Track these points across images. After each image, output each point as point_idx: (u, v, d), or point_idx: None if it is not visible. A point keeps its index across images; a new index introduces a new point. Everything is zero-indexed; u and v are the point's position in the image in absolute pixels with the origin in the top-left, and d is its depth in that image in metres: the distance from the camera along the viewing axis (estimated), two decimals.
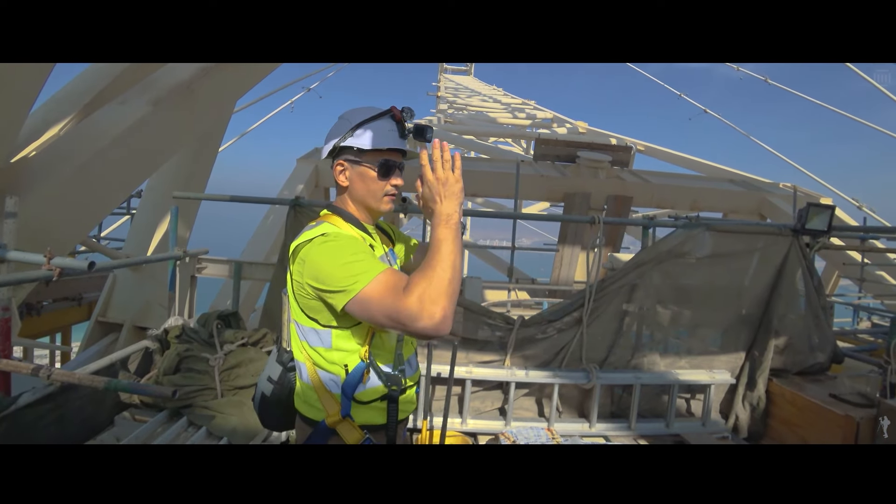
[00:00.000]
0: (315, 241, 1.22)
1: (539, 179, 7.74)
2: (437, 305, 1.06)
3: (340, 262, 1.15)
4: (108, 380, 2.25)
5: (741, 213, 8.04)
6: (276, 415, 1.46)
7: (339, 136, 1.32)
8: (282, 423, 1.48)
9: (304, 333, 1.30)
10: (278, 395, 1.43)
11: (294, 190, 7.11)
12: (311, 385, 1.30)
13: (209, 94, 4.31)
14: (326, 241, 1.20)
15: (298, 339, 1.32)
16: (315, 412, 1.31)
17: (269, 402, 1.45)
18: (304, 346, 1.31)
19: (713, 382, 3.22)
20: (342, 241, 1.21)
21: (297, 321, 1.30)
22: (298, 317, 1.29)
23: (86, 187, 3.59)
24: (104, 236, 8.50)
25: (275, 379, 1.44)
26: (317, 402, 1.30)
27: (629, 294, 3.28)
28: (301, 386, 1.35)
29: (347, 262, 1.15)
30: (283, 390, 1.43)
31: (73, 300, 6.20)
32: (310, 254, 1.20)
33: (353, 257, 1.16)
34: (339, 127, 1.35)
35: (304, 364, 1.33)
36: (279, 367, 1.45)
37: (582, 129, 14.21)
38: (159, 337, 3.06)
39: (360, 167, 1.33)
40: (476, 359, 3.13)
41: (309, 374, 1.31)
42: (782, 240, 3.45)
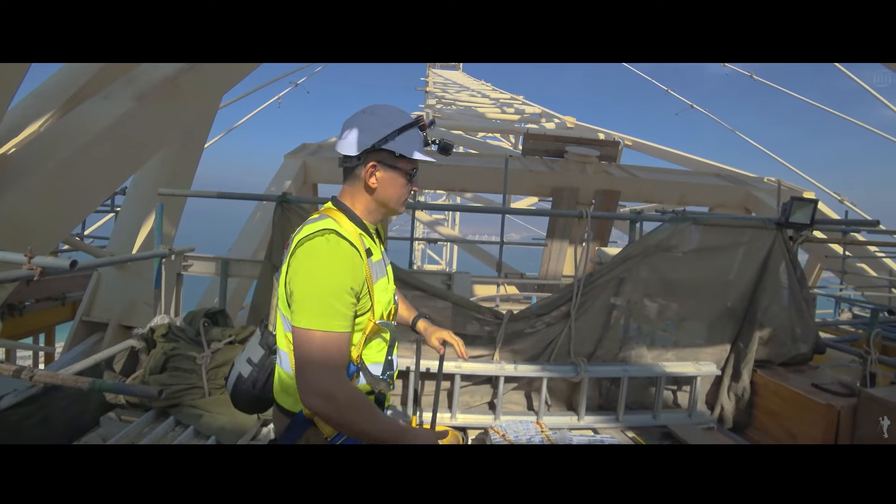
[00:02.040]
0: (315, 240, 1.21)
1: (528, 174, 7.76)
2: (322, 403, 1.18)
3: (322, 293, 1.18)
4: (92, 380, 2.21)
5: (727, 207, 8.14)
6: (248, 398, 1.46)
7: (379, 137, 1.31)
8: (253, 406, 1.49)
9: (288, 325, 1.28)
10: (255, 377, 1.43)
11: (282, 186, 7.04)
12: (292, 374, 1.28)
13: (195, 88, 4.25)
14: (323, 253, 1.20)
15: (283, 329, 1.31)
16: (292, 402, 1.31)
17: (244, 383, 1.44)
18: (288, 336, 1.28)
19: (699, 374, 3.27)
20: (336, 264, 1.20)
21: (286, 314, 1.28)
22: (285, 308, 1.28)
23: (68, 184, 3.51)
24: (88, 234, 8.36)
25: (255, 361, 1.44)
26: (296, 393, 1.26)
27: (617, 288, 3.31)
28: (281, 374, 1.35)
29: (326, 297, 1.18)
30: (261, 373, 1.43)
31: (57, 300, 6.08)
32: (304, 257, 1.20)
33: (333, 297, 1.18)
34: (373, 126, 1.32)
35: (286, 353, 1.31)
36: (261, 351, 1.44)
37: (570, 124, 14.27)
38: (145, 336, 3.02)
39: (394, 172, 1.34)
40: None
41: (291, 364, 1.29)
42: (767, 233, 3.50)
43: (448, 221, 23.20)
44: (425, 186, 11.31)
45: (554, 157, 8.16)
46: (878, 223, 4.45)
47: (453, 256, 28.37)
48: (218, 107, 6.09)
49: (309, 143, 8.54)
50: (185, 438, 2.54)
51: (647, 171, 8.47)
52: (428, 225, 19.04)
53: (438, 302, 3.13)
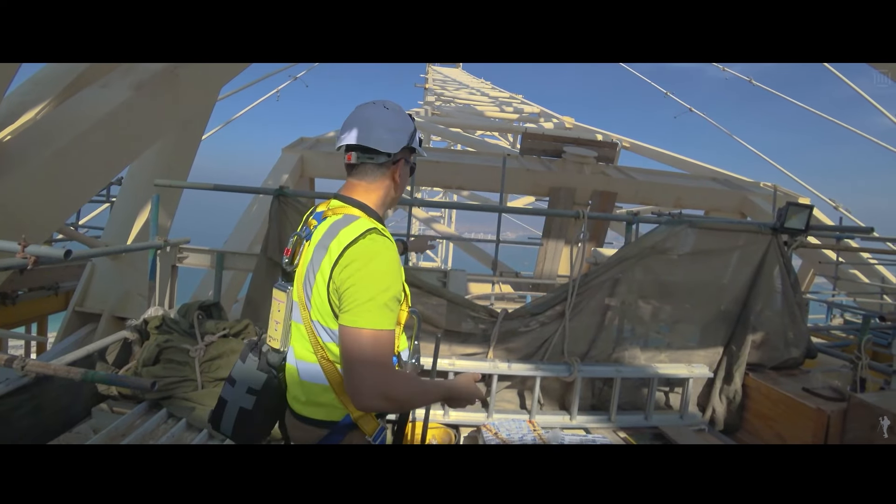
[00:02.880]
0: (367, 240, 1.20)
1: (525, 173, 7.77)
2: (380, 402, 1.18)
3: (382, 295, 1.17)
4: (84, 371, 2.21)
5: (723, 211, 8.18)
6: (258, 426, 1.40)
7: (409, 135, 1.35)
8: (261, 433, 1.43)
9: (331, 335, 1.24)
10: (265, 404, 1.37)
11: (279, 179, 7.02)
12: (329, 384, 1.26)
13: (194, 79, 4.23)
14: (377, 255, 1.19)
15: (320, 340, 1.26)
16: (327, 412, 1.29)
17: (253, 417, 1.37)
18: (328, 347, 1.25)
19: (691, 376, 3.29)
20: (388, 261, 1.21)
21: (327, 325, 1.24)
22: (329, 321, 1.23)
23: (64, 173, 3.50)
24: (83, 224, 8.30)
25: (257, 389, 1.37)
26: (334, 401, 1.27)
27: (612, 289, 3.33)
28: (311, 387, 1.29)
29: (374, 296, 1.17)
30: (270, 398, 1.37)
31: (50, 289, 6.03)
32: (361, 254, 1.18)
33: (387, 293, 1.18)
34: (402, 124, 1.34)
35: (317, 364, 1.27)
36: (262, 376, 1.38)
37: (569, 124, 14.28)
38: (139, 327, 3.01)
39: (407, 167, 1.39)
40: (459, 351, 3.15)
41: (327, 373, 1.26)
42: (762, 238, 3.52)
43: (444, 219, 23.20)
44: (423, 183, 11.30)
45: (552, 157, 8.17)
46: (872, 230, 4.49)
47: (449, 254, 28.37)
48: (216, 98, 6.04)
49: (307, 137, 8.50)
50: (176, 431, 2.53)
51: (644, 173, 8.50)
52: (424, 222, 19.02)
53: (433, 299, 3.13)
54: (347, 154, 1.33)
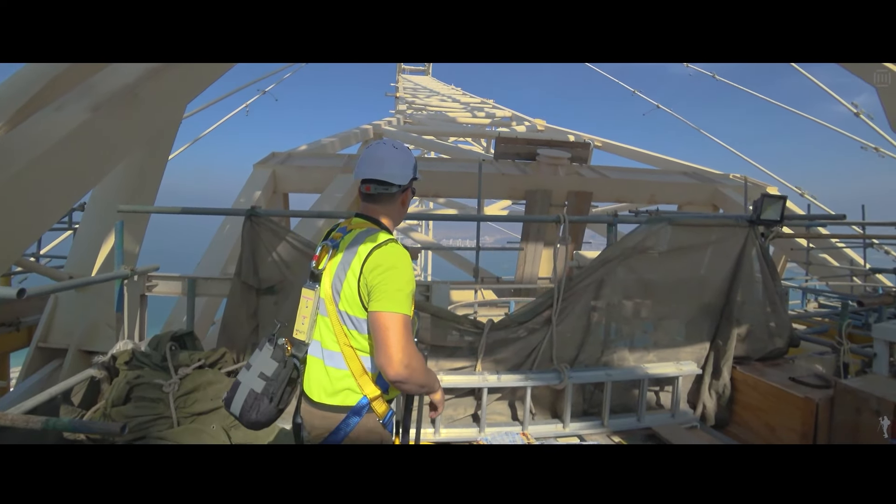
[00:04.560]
0: (389, 246, 1.50)
1: (500, 178, 7.75)
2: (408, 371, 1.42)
3: (407, 286, 1.47)
4: (45, 419, 2.06)
5: (695, 204, 8.31)
6: (267, 413, 1.54)
7: (413, 169, 1.66)
8: (268, 420, 1.56)
9: (355, 323, 1.50)
10: (273, 391, 1.54)
11: (251, 196, 6.85)
12: (349, 371, 1.52)
13: (156, 97, 4.04)
14: (402, 256, 1.50)
15: (345, 328, 1.52)
16: (345, 396, 1.52)
17: (260, 400, 1.53)
18: (352, 335, 1.51)
19: (681, 374, 3.27)
20: (408, 264, 1.51)
21: (353, 314, 1.50)
22: (356, 310, 1.49)
23: (18, 202, 3.27)
24: (44, 254, 7.92)
25: (269, 375, 1.54)
26: (354, 386, 1.51)
27: (596, 291, 3.30)
28: (333, 373, 1.53)
29: (402, 285, 1.46)
30: (277, 387, 1.54)
31: (10, 325, 5.68)
32: (388, 258, 1.47)
33: (409, 286, 1.48)
34: (409, 160, 1.65)
35: (340, 353, 1.53)
36: (274, 364, 1.55)
37: (540, 126, 14.40)
38: (106, 364, 2.84)
39: (410, 193, 1.72)
40: (446, 366, 3.07)
41: (347, 360, 1.52)
42: (739, 231, 3.55)
43: (421, 227, 23.14)
44: None
45: (526, 160, 8.18)
46: (845, 217, 4.58)
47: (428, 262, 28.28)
48: (182, 116, 5.84)
49: (278, 151, 8.33)
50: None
51: (617, 171, 8.58)
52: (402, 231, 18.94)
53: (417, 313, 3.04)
54: (366, 186, 1.62)
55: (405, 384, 1.45)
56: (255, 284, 3.03)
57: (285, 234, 3.11)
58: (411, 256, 2.52)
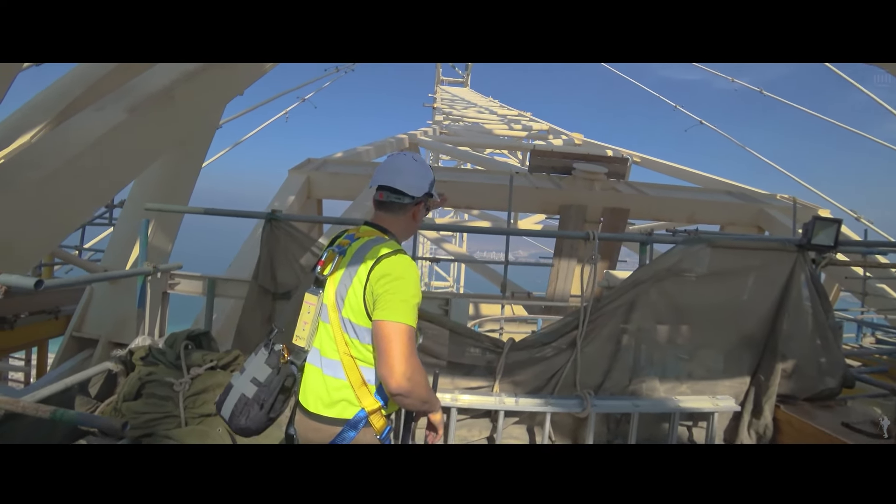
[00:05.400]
0: (398, 256, 1.47)
1: (534, 191, 7.59)
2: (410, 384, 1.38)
3: (413, 297, 1.45)
4: (54, 409, 2.07)
5: (739, 225, 7.89)
6: (256, 419, 1.50)
7: (430, 184, 1.65)
8: (258, 428, 1.52)
9: (357, 332, 1.47)
10: (263, 398, 1.49)
11: (285, 201, 6.91)
12: (348, 381, 1.48)
13: (191, 100, 4.15)
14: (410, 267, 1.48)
15: (347, 336, 1.49)
16: (342, 408, 1.48)
17: (249, 405, 1.49)
18: (353, 343, 1.48)
19: (716, 410, 3.01)
20: (416, 276, 1.48)
21: (355, 322, 1.47)
22: (359, 318, 1.47)
23: (54, 197, 3.39)
24: (87, 248, 8.27)
25: (261, 381, 1.50)
26: (351, 398, 1.48)
27: (626, 314, 3.09)
28: (331, 383, 1.50)
29: (409, 297, 1.43)
30: (269, 394, 1.50)
31: (50, 313, 5.94)
32: (396, 268, 1.45)
33: (415, 298, 1.45)
34: (426, 174, 1.66)
35: (339, 362, 1.49)
36: (268, 370, 1.51)
37: (578, 140, 14.13)
38: (123, 358, 2.85)
39: (424, 209, 1.70)
40: (462, 384, 2.93)
41: (346, 370, 1.48)
42: (787, 255, 3.27)
43: (455, 239, 23.09)
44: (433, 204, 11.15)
45: (561, 174, 7.99)
46: None
47: (460, 273, 28.18)
48: (218, 120, 6.00)
49: (314, 158, 8.42)
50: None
51: (656, 188, 8.27)
52: (434, 242, 18.94)
53: (434, 328, 2.93)
54: (379, 193, 1.61)
55: (406, 398, 1.41)
56: (271, 289, 3.00)
57: (304, 240, 3.07)
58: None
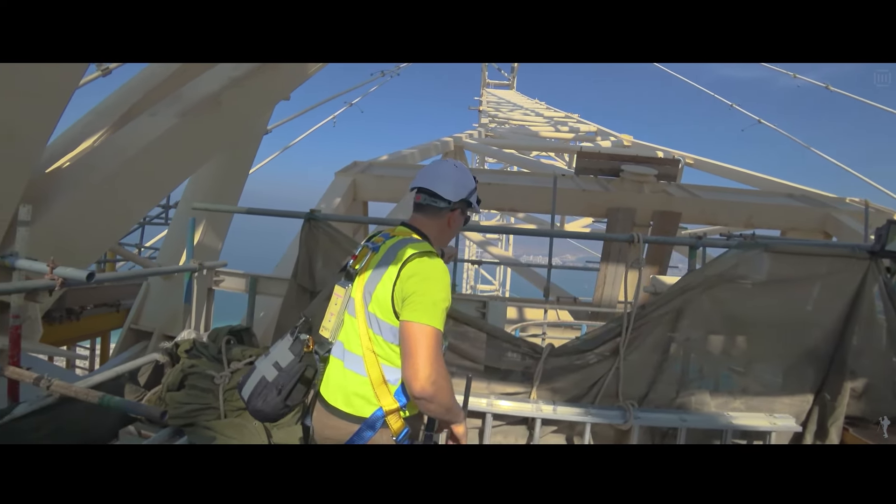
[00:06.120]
0: (429, 257, 1.47)
1: (580, 194, 7.37)
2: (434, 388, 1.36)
3: (442, 299, 1.43)
4: (102, 395, 2.18)
5: (802, 230, 7.35)
6: (271, 404, 1.50)
7: (468, 192, 1.66)
8: (272, 413, 1.53)
9: (381, 328, 1.46)
10: (282, 383, 1.49)
11: (332, 203, 7.03)
12: (368, 377, 1.46)
13: (237, 105, 4.30)
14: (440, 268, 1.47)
15: (371, 331, 1.47)
16: (360, 405, 1.47)
17: (268, 388, 1.49)
18: (377, 340, 1.46)
19: (774, 429, 2.78)
20: (446, 279, 1.47)
21: (381, 318, 1.46)
22: (386, 315, 1.45)
23: (111, 197, 3.61)
24: (148, 246, 8.79)
25: (283, 366, 1.50)
26: (370, 395, 1.46)
27: (674, 322, 2.91)
28: (352, 378, 1.48)
29: (438, 300, 1.42)
30: (288, 379, 1.49)
31: (112, 306, 6.36)
32: (426, 268, 1.44)
33: (444, 302, 1.43)
34: (465, 182, 1.66)
35: (361, 357, 1.47)
36: (290, 356, 1.51)
37: (627, 141, 13.68)
38: (170, 350, 2.97)
39: (462, 217, 1.71)
40: (498, 390, 2.85)
41: (368, 367, 1.46)
42: (857, 263, 2.98)
43: (501, 242, 22.91)
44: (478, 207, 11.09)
45: (609, 177, 7.73)
46: None
47: (506, 277, 27.93)
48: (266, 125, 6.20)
49: (360, 160, 8.55)
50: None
51: (710, 190, 7.85)
52: (480, 245, 18.84)
53: (471, 331, 2.87)
54: (417, 195, 1.65)
55: (430, 402, 1.39)
56: (309, 287, 3.04)
57: (342, 240, 3.09)
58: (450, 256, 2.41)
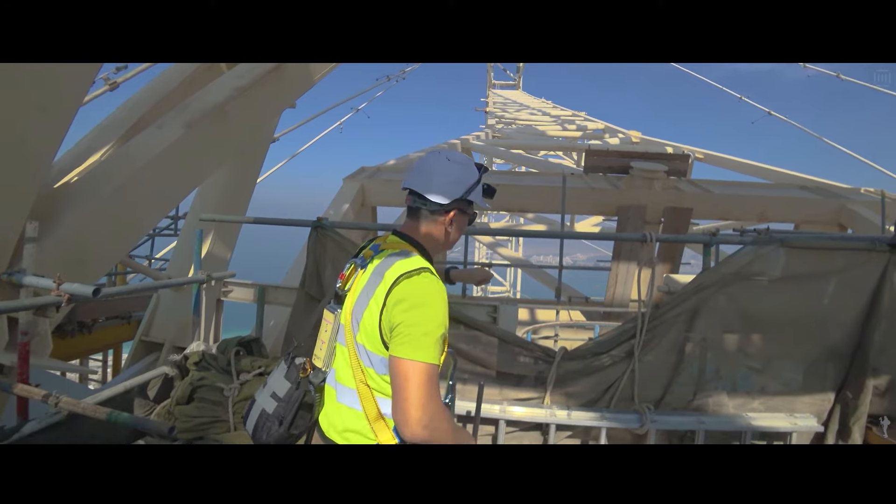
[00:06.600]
0: (421, 277, 1.28)
1: (590, 192, 7.30)
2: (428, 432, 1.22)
3: (434, 329, 1.26)
4: (110, 411, 2.16)
5: (817, 223, 7.19)
6: (274, 436, 1.44)
7: (465, 190, 1.41)
8: (277, 443, 1.46)
9: (372, 360, 1.32)
10: (282, 413, 1.42)
11: (340, 209, 7.03)
12: (363, 412, 1.33)
13: (243, 115, 4.30)
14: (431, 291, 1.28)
15: (362, 363, 1.33)
16: (356, 442, 1.35)
17: (269, 420, 1.43)
18: (368, 372, 1.33)
19: (795, 429, 2.70)
20: (441, 302, 1.29)
21: (371, 350, 1.32)
22: (375, 346, 1.30)
23: (120, 210, 3.60)
24: (158, 257, 8.86)
25: (280, 396, 1.43)
26: (367, 431, 1.33)
27: (689, 322, 2.85)
28: (348, 413, 1.36)
29: (430, 330, 1.25)
30: (288, 409, 1.42)
31: (124, 318, 6.41)
32: (416, 292, 1.27)
33: (438, 330, 1.27)
34: (460, 178, 1.41)
35: (355, 390, 1.34)
36: (287, 384, 1.44)
37: (635, 138, 13.54)
38: (179, 363, 2.96)
39: (464, 216, 1.46)
40: (511, 395, 2.81)
41: (362, 399, 1.33)
42: (877, 256, 2.89)
43: (511, 243, 22.80)
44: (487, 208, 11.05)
45: (618, 174, 7.65)
46: None
47: (517, 278, 27.79)
48: (272, 133, 6.21)
49: (367, 166, 8.55)
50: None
51: (721, 185, 7.72)
52: (489, 247, 18.76)
53: (483, 336, 2.83)
54: (408, 197, 1.45)
55: (426, 441, 1.26)
56: (318, 296, 3.02)
57: (350, 247, 3.06)
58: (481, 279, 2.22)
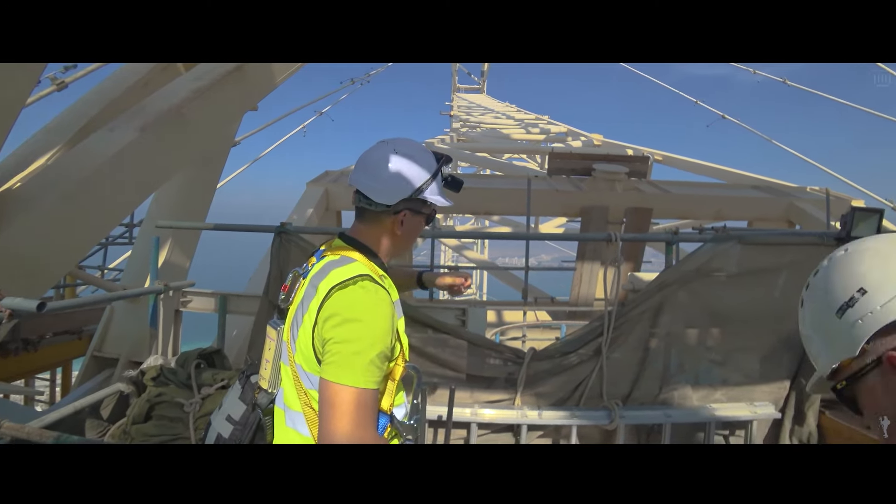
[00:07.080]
0: (356, 287, 1.12)
1: (554, 194, 7.45)
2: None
3: (365, 350, 1.09)
4: (58, 435, 2.03)
5: (768, 220, 7.60)
6: None
7: (415, 188, 1.22)
8: None
9: (313, 382, 1.15)
10: (238, 437, 1.36)
11: (304, 214, 6.89)
12: (311, 435, 1.17)
13: (202, 117, 4.16)
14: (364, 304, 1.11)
15: (303, 385, 1.17)
16: None
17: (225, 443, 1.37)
18: (311, 395, 1.16)
19: (755, 418, 2.81)
20: (379, 316, 1.12)
21: (308, 371, 1.15)
22: (312, 367, 1.14)
23: (70, 217, 3.42)
24: (111, 267, 8.42)
25: (236, 419, 1.38)
26: None
27: (653, 319, 2.92)
28: (293, 437, 1.20)
29: (363, 349, 1.09)
30: (244, 432, 1.36)
31: (74, 333, 6.01)
32: (348, 305, 1.11)
33: (373, 349, 1.09)
34: (408, 174, 1.22)
35: (301, 413, 1.18)
36: (242, 406, 1.38)
37: (597, 141, 13.89)
38: (135, 379, 2.81)
39: (419, 217, 1.28)
40: (482, 398, 2.80)
41: (309, 423, 1.16)
42: (825, 250, 3.02)
43: (476, 246, 22.92)
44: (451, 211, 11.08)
45: (581, 176, 7.83)
46: None
47: (483, 280, 27.95)
48: (233, 137, 6.03)
49: (332, 170, 8.44)
50: None
51: (680, 185, 8.03)
52: (455, 250, 18.79)
53: (451, 340, 2.81)
54: (353, 194, 1.27)
55: None
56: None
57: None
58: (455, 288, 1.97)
